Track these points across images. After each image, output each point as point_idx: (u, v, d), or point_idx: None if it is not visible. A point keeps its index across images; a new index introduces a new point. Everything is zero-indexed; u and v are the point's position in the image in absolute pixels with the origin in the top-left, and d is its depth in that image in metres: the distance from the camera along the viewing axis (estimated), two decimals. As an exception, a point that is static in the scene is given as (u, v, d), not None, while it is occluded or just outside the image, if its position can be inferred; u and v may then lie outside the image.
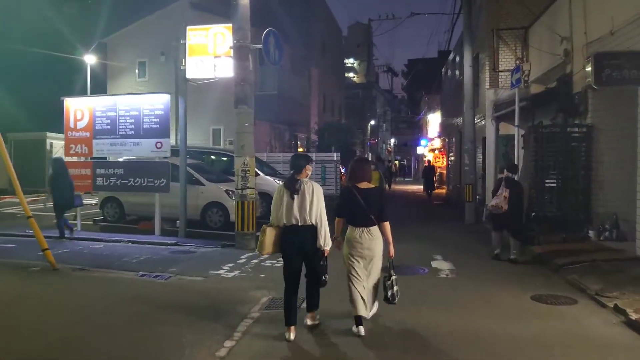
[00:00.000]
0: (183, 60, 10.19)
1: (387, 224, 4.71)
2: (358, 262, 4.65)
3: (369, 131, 42.47)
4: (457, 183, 20.16)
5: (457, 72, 20.98)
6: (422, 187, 32.06)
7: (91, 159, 10.89)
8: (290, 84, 20.49)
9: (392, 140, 60.61)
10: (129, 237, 10.02)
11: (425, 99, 43.95)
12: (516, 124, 9.26)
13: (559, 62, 10.09)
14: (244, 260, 8.08)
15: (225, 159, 14.34)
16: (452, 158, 22.10)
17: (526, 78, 12.98)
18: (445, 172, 30.86)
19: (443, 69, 26.13)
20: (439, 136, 31.23)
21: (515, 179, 8.22)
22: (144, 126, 10.45)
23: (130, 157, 10.98)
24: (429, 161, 29.01)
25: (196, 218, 11.33)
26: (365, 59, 44.31)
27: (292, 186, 4.52)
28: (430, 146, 35.57)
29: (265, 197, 13.05)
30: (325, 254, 4.56)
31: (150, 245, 9.54)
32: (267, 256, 8.16)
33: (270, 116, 19.37)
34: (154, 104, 10.43)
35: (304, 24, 25.90)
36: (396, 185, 34.16)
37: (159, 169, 10.31)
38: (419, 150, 42.17)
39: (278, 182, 13.49)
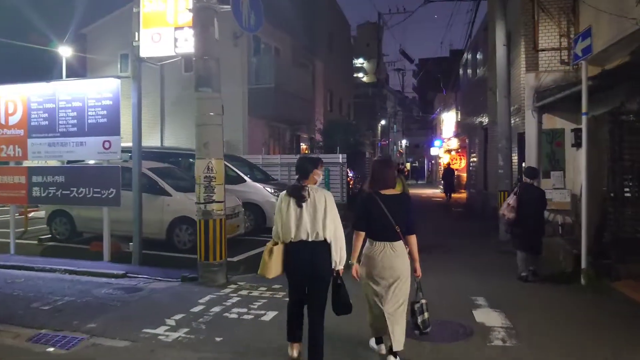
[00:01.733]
0: (136, 34, 7.84)
1: (414, 238, 4.03)
2: (378, 283, 3.93)
3: (379, 131, 39.96)
4: (481, 188, 17.59)
5: (477, 69, 18.53)
6: (437, 191, 29.99)
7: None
8: (291, 77, 18.08)
9: (404, 142, 58.22)
10: (67, 265, 7.66)
11: (441, 97, 41.52)
12: (584, 110, 6.76)
13: (634, 30, 7.53)
14: (202, 307, 5.65)
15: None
16: (474, 159, 19.52)
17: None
18: (465, 174, 28.41)
19: (461, 65, 23.71)
20: (456, 136, 28.66)
21: (535, 184, 7.26)
22: (89, 121, 8.11)
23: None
24: (448, 164, 26.61)
25: (160, 237, 8.95)
26: (375, 57, 41.89)
27: (298, 194, 3.83)
28: (445, 147, 32.97)
29: (253, 209, 10.68)
30: (340, 273, 3.86)
31: (90, 278, 7.18)
32: (235, 300, 5.79)
33: (266, 113, 16.99)
34: (100, 91, 8.09)
35: (307, 12, 23.49)
36: (409, 189, 31.70)
37: (107, 176, 7.96)
38: (433, 151, 39.56)
39: (270, 190, 11.05)
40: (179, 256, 8.50)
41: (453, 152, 29.81)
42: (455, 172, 26.79)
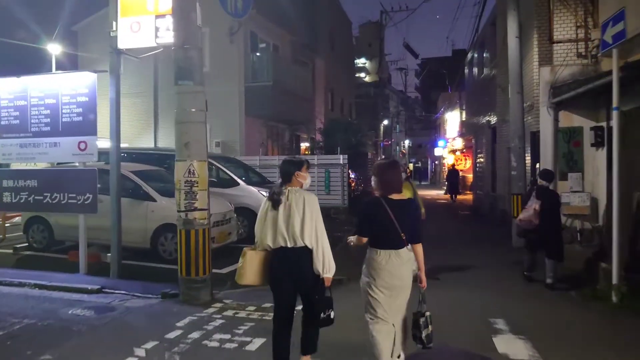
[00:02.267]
0: (114, 23, 7.11)
1: (420, 247, 3.71)
2: (383, 294, 3.58)
3: (381, 131, 39.18)
4: (489, 190, 16.82)
5: (484, 67, 17.79)
6: (441, 192, 29.19)
7: None
8: (290, 75, 17.32)
9: (407, 142, 57.45)
10: (39, 279, 6.92)
11: (445, 96, 40.77)
12: (615, 104, 5.98)
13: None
14: (179, 332, 4.89)
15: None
16: (481, 160, 18.73)
17: (593, 51, 9.76)
18: (470, 176, 27.66)
19: (466, 63, 22.93)
20: (461, 135, 27.88)
21: (550, 187, 6.98)
22: (63, 119, 7.38)
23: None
24: (453, 165, 25.88)
25: (144, 246, 8.21)
26: (377, 56, 41.09)
27: (273, 197, 3.62)
28: (450, 147, 32.17)
29: (247, 213, 9.95)
30: (327, 284, 3.56)
31: (61, 293, 6.45)
32: (218, 323, 5.05)
33: (264, 112, 16.24)
34: (75, 87, 7.36)
35: (307, 8, 22.74)
36: None
37: (83, 180, 7.22)
38: (437, 151, 38.75)
39: (265, 194, 10.31)
40: (163, 267, 7.75)
41: (458, 153, 29.03)
42: (460, 173, 26.02)
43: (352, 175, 19.21)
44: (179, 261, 5.86)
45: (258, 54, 16.55)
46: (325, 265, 3.53)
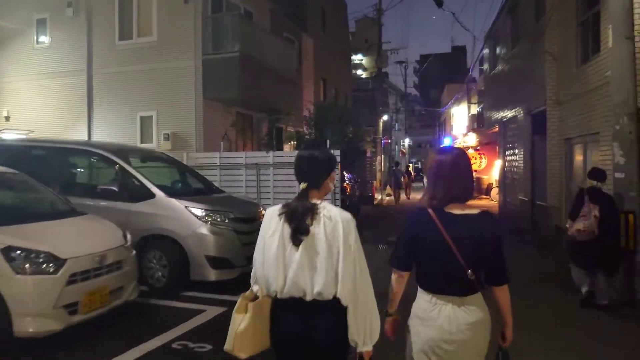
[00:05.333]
0: None
1: (505, 292, 2.38)
2: None
3: (381, 128, 35.07)
4: (529, 197, 12.74)
5: (518, 40, 13.90)
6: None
7: None
8: (266, 47, 13.21)
9: (407, 141, 53.68)
10: None
11: (451, 90, 37.05)
12: None
13: None
14: None
15: (95, 160, 7.01)
16: (513, 158, 14.65)
17: None
18: (487, 177, 23.67)
19: (485, 45, 19.08)
20: (477, 129, 23.95)
21: (603, 190, 5.72)
22: None
23: None
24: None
25: None
26: (374, 47, 37.12)
27: (299, 218, 2.25)
28: (460, 144, 28.23)
29: (167, 246, 5.84)
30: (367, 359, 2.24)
31: None
32: None
33: (230, 94, 12.08)
34: None
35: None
36: (414, 194, 27.52)
37: None
38: (442, 150, 34.74)
39: (200, 212, 6.16)
40: None
41: (471, 150, 25.03)
42: (474, 174, 22.09)
43: (346, 177, 15.10)
44: None
45: (221, 15, 12.42)
46: (367, 332, 2.21)
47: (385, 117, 36.94)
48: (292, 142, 15.33)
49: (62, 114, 13.44)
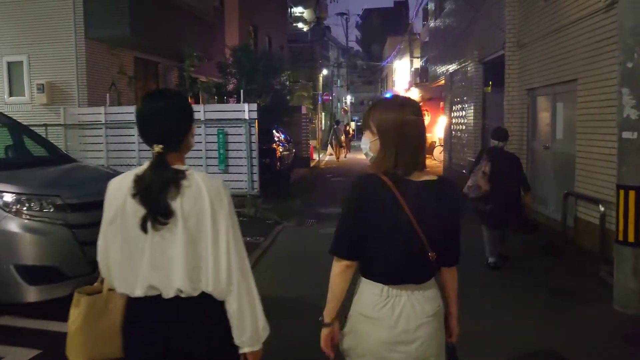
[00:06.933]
0: None
1: (455, 273, 2.03)
2: None
3: (321, 84, 32.87)
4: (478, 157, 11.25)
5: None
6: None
7: None
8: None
9: (349, 98, 51.86)
10: None
11: (393, 43, 35.27)
12: None
13: None
14: None
15: None
16: (461, 114, 13.05)
17: None
18: (431, 135, 22.29)
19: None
20: (420, 84, 22.41)
21: (505, 149, 5.82)
22: None
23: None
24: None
25: None
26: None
27: (157, 197, 1.65)
28: (402, 100, 26.76)
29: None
30: None
31: None
32: None
33: (120, 32, 9.49)
34: None
35: None
36: (355, 153, 26.23)
37: None
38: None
39: (5, 196, 3.95)
40: None
41: (414, 107, 23.63)
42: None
43: (277, 138, 12.99)
44: None
45: None
46: (252, 329, 1.72)
47: (325, 72, 34.70)
48: (214, 96, 12.88)
49: None
